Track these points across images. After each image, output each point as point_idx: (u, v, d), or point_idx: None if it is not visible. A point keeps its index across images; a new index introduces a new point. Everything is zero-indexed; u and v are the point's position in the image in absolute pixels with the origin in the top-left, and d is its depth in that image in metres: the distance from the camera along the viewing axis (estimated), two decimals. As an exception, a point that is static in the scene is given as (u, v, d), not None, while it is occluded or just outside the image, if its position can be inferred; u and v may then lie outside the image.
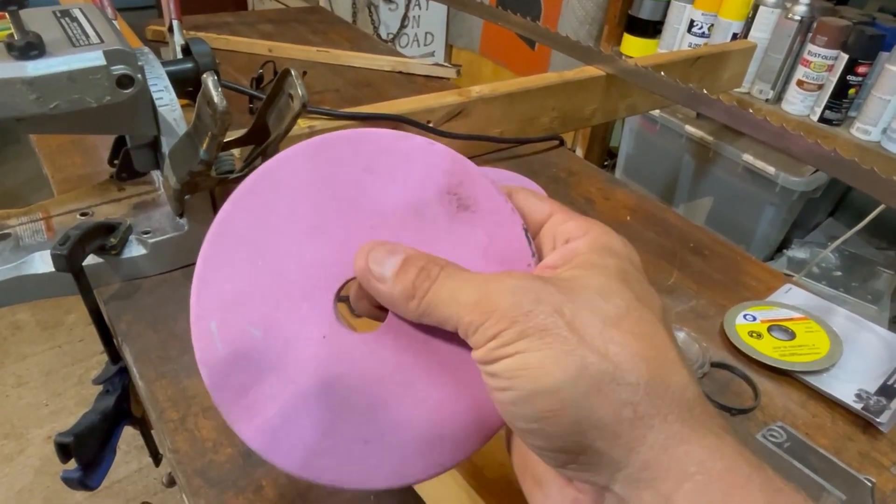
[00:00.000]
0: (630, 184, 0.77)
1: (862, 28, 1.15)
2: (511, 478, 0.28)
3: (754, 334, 0.53)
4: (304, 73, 0.90)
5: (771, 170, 1.27)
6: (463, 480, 0.31)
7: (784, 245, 1.45)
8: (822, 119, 1.23)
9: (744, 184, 1.35)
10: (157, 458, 0.62)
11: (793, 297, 0.58)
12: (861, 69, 1.16)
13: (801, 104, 1.25)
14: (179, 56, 0.53)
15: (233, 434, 0.26)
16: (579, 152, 1.77)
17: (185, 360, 0.46)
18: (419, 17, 2.26)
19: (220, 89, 0.36)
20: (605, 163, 1.86)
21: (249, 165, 0.48)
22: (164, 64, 0.50)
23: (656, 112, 1.45)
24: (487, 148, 0.77)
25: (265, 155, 0.46)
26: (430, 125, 0.69)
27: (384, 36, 2.20)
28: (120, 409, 0.53)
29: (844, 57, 1.16)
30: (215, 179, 0.47)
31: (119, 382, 0.53)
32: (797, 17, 1.21)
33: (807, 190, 1.27)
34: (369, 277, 0.23)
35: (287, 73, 0.40)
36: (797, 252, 1.40)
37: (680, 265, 0.63)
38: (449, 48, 2.40)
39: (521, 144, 0.79)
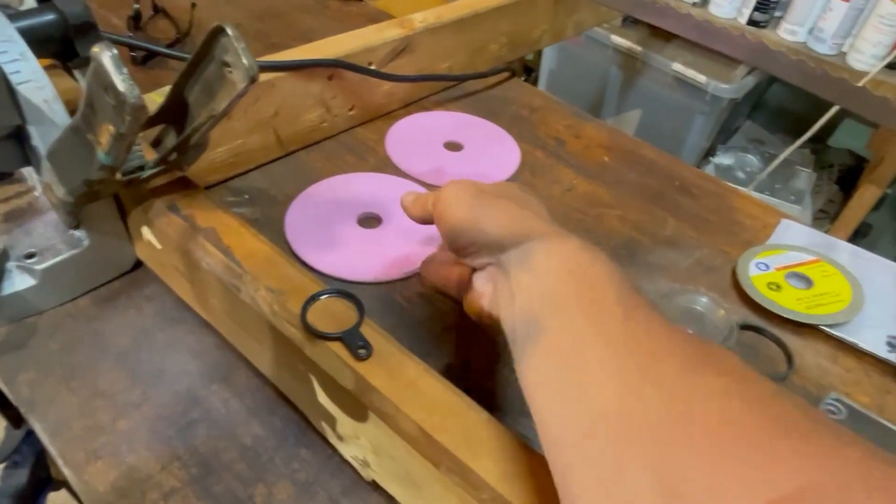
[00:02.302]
0: (596, 119, 0.69)
1: (790, -80, 1.10)
2: None
3: (773, 286, 0.48)
4: (193, 4, 0.72)
5: (701, 78, 1.24)
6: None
7: (710, 152, 1.45)
8: (750, 21, 1.20)
9: (673, 93, 1.31)
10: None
11: (795, 236, 0.54)
12: (789, -34, 1.12)
13: (728, 6, 1.20)
14: (35, 6, 0.37)
15: None
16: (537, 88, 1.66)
17: (123, 428, 0.35)
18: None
19: (125, 71, 0.24)
20: (525, 79, 1.77)
21: (171, 154, 0.35)
22: (13, 18, 0.35)
23: (581, 22, 1.36)
24: (436, 87, 0.66)
25: (187, 146, 0.33)
26: (373, 67, 0.57)
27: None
28: (38, 480, 0.41)
29: (772, -47, 1.11)
30: (121, 183, 0.34)
31: (29, 450, 0.41)
32: (724, -90, 1.14)
33: (736, 97, 1.26)
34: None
35: (219, 31, 0.27)
36: (723, 159, 1.40)
37: (672, 209, 0.57)
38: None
39: (472, 80, 0.69)
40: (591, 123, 0.67)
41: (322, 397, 0.32)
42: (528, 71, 1.78)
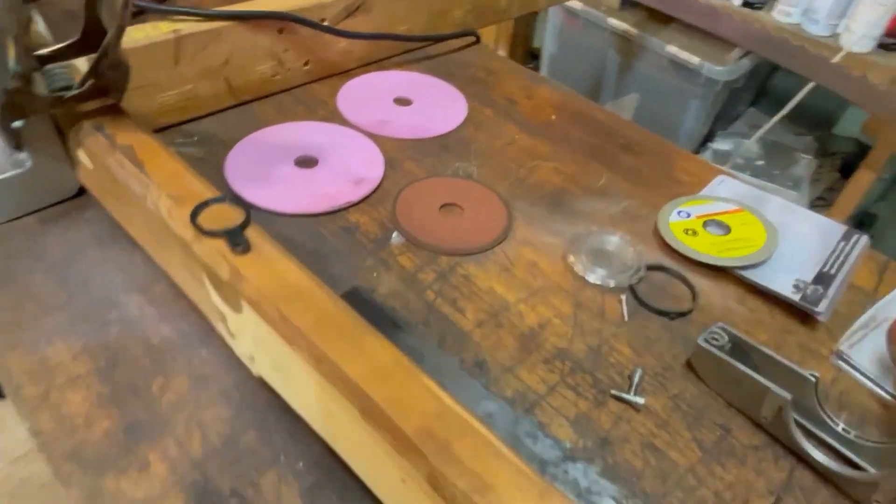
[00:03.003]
0: (553, 81, 0.71)
1: None
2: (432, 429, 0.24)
3: (689, 231, 0.49)
4: (175, -29, 0.76)
5: (695, 60, 1.23)
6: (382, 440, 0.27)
7: (709, 138, 1.44)
8: (744, 3, 1.19)
9: (669, 77, 1.31)
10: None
11: (727, 189, 0.55)
12: (783, -54, 1.11)
13: (723, -13, 1.20)
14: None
15: (113, 405, 0.31)
16: (502, 54, 1.68)
17: (45, 323, 0.39)
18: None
19: (4, -30, 0.27)
20: (530, 65, 1.78)
21: (91, 77, 0.38)
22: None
23: (578, 5, 1.37)
24: (395, 49, 0.69)
25: (105, 60, 0.37)
26: (326, 24, 0.60)
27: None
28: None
29: (767, -67, 1.11)
30: (47, 99, 0.38)
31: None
32: None
33: (730, 79, 1.25)
34: None
35: (106, -53, 0.30)
36: (721, 144, 1.40)
37: (610, 164, 0.58)
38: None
39: (434, 43, 0.71)
40: (546, 86, 0.69)
41: (214, 296, 0.35)
42: (534, 57, 1.79)
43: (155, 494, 0.31)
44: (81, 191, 0.47)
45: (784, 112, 0.96)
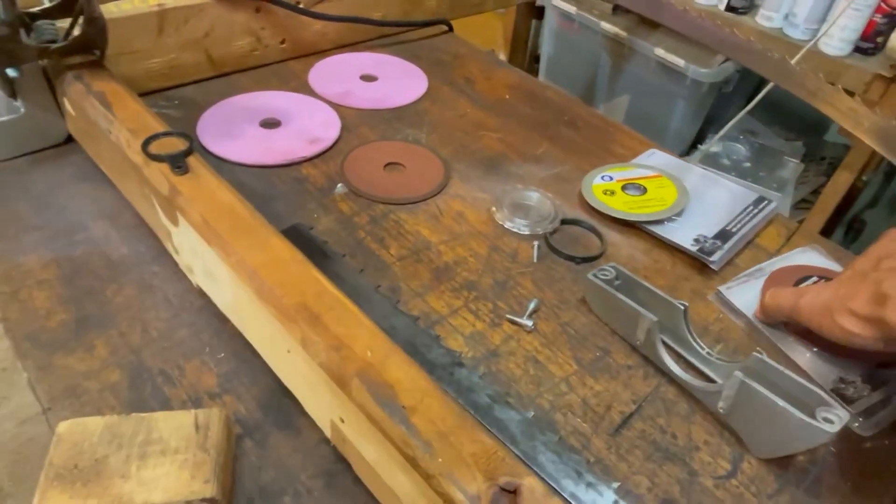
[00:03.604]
0: (513, 67, 0.76)
1: None
2: (308, 304, 0.30)
3: (608, 192, 0.54)
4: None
5: (680, 62, 1.27)
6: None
7: (699, 140, 1.48)
8: (728, 7, 1.23)
9: (657, 79, 1.35)
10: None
11: (655, 160, 0.60)
12: (764, -48, 1.15)
13: (709, -7, 1.24)
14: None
15: (70, 302, 0.39)
16: (502, 59, 1.74)
17: (23, 239, 0.45)
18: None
19: (-13, -74, 0.34)
20: (531, 68, 1.83)
21: (71, 30, 0.45)
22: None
23: (572, 8, 1.43)
24: (369, 33, 0.75)
25: (84, 13, 0.43)
26: (301, 6, 0.66)
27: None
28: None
29: (749, -60, 1.15)
30: (34, 49, 0.45)
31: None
32: None
33: (716, 81, 1.29)
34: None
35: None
36: (710, 146, 1.43)
37: (552, 136, 0.63)
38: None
39: (407, 29, 0.77)
40: (505, 70, 0.74)
41: (161, 215, 0.41)
42: (537, 60, 1.84)
43: (95, 369, 0.37)
44: (70, 139, 0.54)
45: (748, 109, 1.00)
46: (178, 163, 0.39)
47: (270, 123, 0.59)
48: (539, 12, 1.71)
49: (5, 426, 0.39)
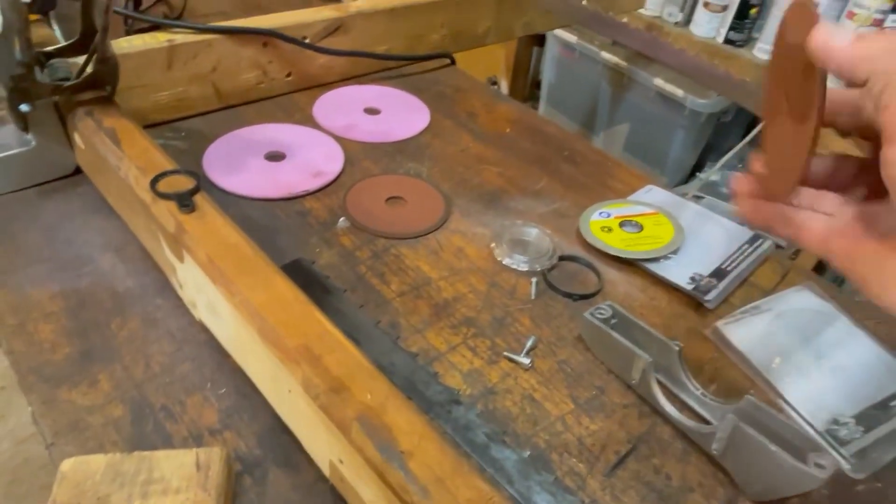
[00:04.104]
0: (514, 101, 0.78)
1: (762, -54, 1.16)
2: (310, 346, 0.30)
3: (605, 229, 0.55)
4: (187, -5, 0.86)
5: (679, 93, 1.29)
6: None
7: (698, 168, 1.49)
8: (726, 40, 1.25)
9: (656, 108, 1.37)
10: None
11: (652, 196, 0.61)
12: (761, -12, 1.18)
13: (707, 26, 1.27)
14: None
15: (75, 335, 0.39)
16: (504, 85, 1.76)
17: (30, 271, 0.46)
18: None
19: (9, -23, 0.35)
20: (532, 95, 1.86)
21: (84, 70, 0.46)
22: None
23: (573, 38, 1.45)
24: (373, 66, 0.77)
25: (97, 53, 0.45)
26: (307, 41, 0.68)
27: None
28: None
29: (746, -24, 1.18)
30: (48, 87, 0.46)
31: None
32: (702, -63, 1.21)
33: (714, 111, 1.31)
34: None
35: (92, -37, 0.39)
36: (709, 174, 1.44)
37: (552, 171, 0.64)
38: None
39: (409, 63, 0.79)
40: (506, 103, 0.76)
41: (166, 251, 0.42)
42: (538, 86, 1.87)
43: (98, 404, 0.38)
44: (78, 170, 0.55)
45: (746, 140, 1.02)
46: (185, 201, 0.40)
47: (275, 156, 0.60)
48: (540, 40, 1.74)
49: (3, 446, 0.39)
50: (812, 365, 0.45)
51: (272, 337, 0.33)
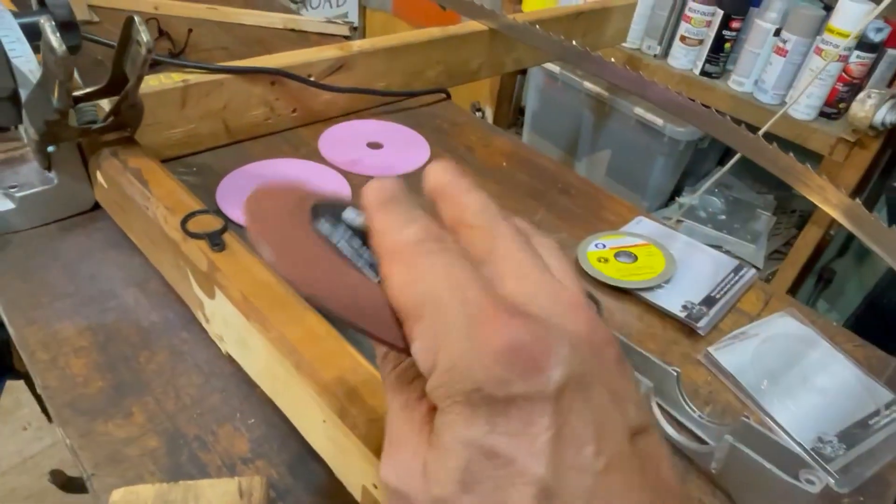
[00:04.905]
0: (509, 134, 0.82)
1: (734, -15, 1.23)
2: (345, 377, 0.33)
3: (602, 260, 0.59)
4: (190, 30, 0.89)
5: (659, 121, 1.35)
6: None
7: (677, 193, 1.55)
8: (703, 72, 1.32)
9: (637, 136, 1.43)
10: (49, 414, 0.63)
11: (642, 227, 0.65)
12: (734, 24, 1.24)
13: (684, 59, 1.33)
14: (36, 8, 0.53)
15: (106, 369, 0.40)
16: (489, 112, 1.81)
17: (56, 307, 0.48)
18: (330, -24, 2.22)
19: (58, 34, 0.37)
20: (516, 121, 1.91)
21: (112, 114, 0.49)
22: (17, 16, 0.50)
23: (556, 68, 1.51)
24: (373, 101, 0.80)
25: (125, 101, 0.47)
26: (312, 79, 0.71)
27: (294, -4, 2.16)
28: (0, 364, 0.54)
29: (720, 12, 1.24)
30: (77, 130, 0.48)
31: (-4, 337, 0.53)
32: (678, -25, 1.28)
33: (692, 139, 1.37)
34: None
35: (131, 20, 0.41)
36: (687, 199, 1.50)
37: (548, 204, 0.68)
38: (362, 9, 2.37)
39: (407, 98, 0.82)
40: (501, 137, 0.79)
41: (194, 286, 0.44)
42: (522, 112, 1.92)
43: (134, 436, 0.40)
44: (96, 205, 0.57)
45: (725, 170, 1.07)
46: (216, 240, 0.42)
47: (285, 191, 0.63)
48: (524, 68, 1.80)
49: None
50: (798, 387, 0.49)
51: (308, 370, 0.35)
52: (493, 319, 0.19)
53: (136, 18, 0.41)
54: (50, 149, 0.50)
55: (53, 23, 0.38)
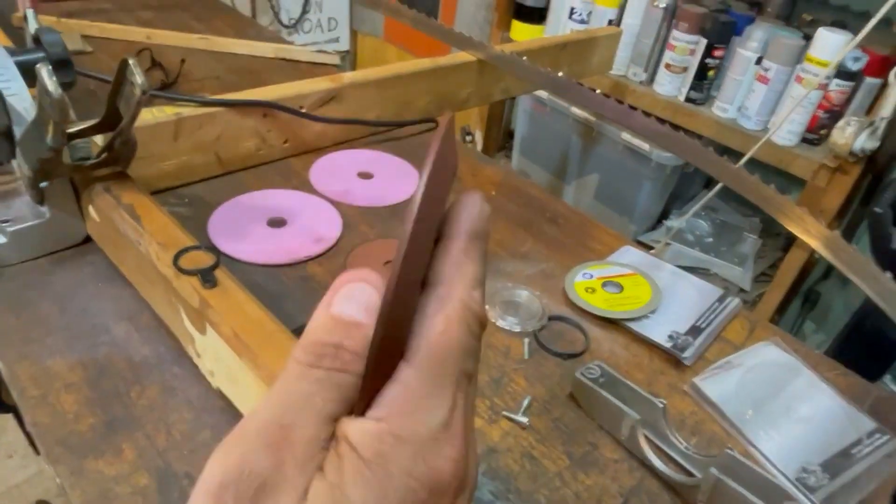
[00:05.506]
0: (498, 163, 0.83)
1: (717, 15, 1.26)
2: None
3: (589, 290, 0.60)
4: (183, 60, 0.90)
5: (646, 146, 1.37)
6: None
7: (664, 216, 1.57)
8: (687, 99, 1.35)
9: (624, 160, 1.45)
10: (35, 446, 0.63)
11: (628, 257, 0.66)
12: (717, 52, 1.27)
13: (669, 85, 1.36)
14: (31, 46, 0.54)
15: (97, 405, 0.39)
16: (479, 136, 1.83)
17: (48, 342, 0.48)
18: (321, 2, 2.25)
19: (54, 78, 0.38)
20: (506, 145, 1.94)
21: (105, 151, 0.49)
22: (13, 53, 0.51)
23: (544, 94, 1.53)
24: (364, 132, 0.81)
25: (119, 138, 0.48)
26: (303, 111, 0.72)
27: (286, 21, 2.18)
28: (-12, 398, 0.54)
29: (703, 41, 1.28)
30: (70, 166, 0.49)
31: (-14, 371, 0.53)
32: (662, 5, 1.31)
33: (678, 164, 1.39)
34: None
35: (125, 62, 0.42)
36: (675, 222, 1.52)
37: (536, 233, 0.69)
38: (353, 34, 2.40)
39: (397, 127, 0.83)
40: (490, 167, 0.81)
41: (186, 322, 0.45)
42: (510, 136, 1.95)
43: (125, 473, 0.40)
44: (87, 239, 0.57)
45: (712, 194, 1.09)
46: (207, 277, 0.43)
47: (277, 222, 0.63)
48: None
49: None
50: (781, 416, 0.50)
51: (300, 409, 0.36)
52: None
53: (132, 61, 0.42)
54: (43, 184, 0.50)
55: (49, 67, 0.38)
